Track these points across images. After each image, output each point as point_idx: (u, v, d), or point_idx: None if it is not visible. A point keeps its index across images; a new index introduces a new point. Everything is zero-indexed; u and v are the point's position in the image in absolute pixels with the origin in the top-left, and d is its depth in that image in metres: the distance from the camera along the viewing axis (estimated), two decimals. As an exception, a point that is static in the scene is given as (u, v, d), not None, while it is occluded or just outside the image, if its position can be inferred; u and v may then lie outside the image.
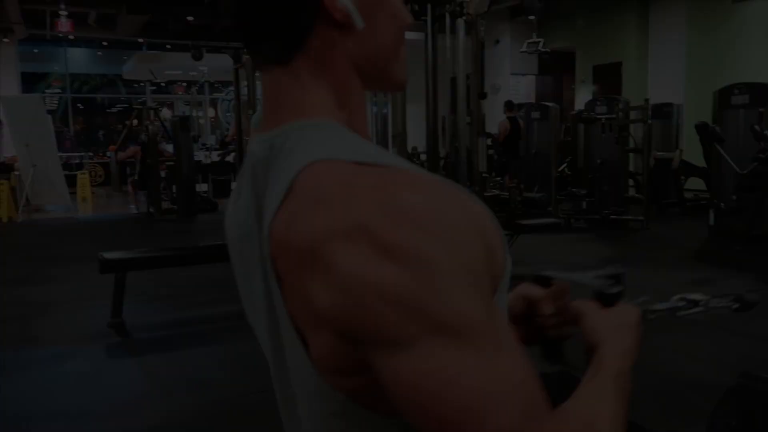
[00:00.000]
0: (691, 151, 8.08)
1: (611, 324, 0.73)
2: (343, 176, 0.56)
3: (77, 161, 15.14)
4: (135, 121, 10.81)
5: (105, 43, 18.15)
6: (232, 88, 10.52)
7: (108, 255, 4.16)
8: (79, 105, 19.12)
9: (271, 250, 0.60)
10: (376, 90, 0.71)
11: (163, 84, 18.96)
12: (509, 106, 9.99)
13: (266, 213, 0.61)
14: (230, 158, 11.08)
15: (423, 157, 8.57)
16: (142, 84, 18.71)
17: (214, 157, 12.33)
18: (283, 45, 0.64)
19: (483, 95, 5.03)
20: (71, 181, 11.65)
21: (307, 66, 0.64)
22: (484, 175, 5.07)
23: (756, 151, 5.48)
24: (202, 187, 11.10)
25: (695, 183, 8.44)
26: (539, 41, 9.44)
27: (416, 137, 5.85)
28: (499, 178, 7.49)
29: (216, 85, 17.70)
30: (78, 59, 18.78)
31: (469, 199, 0.58)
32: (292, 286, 0.58)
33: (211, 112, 18.43)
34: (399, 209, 0.53)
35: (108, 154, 14.69)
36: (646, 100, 7.05)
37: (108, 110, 20.14)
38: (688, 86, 10.54)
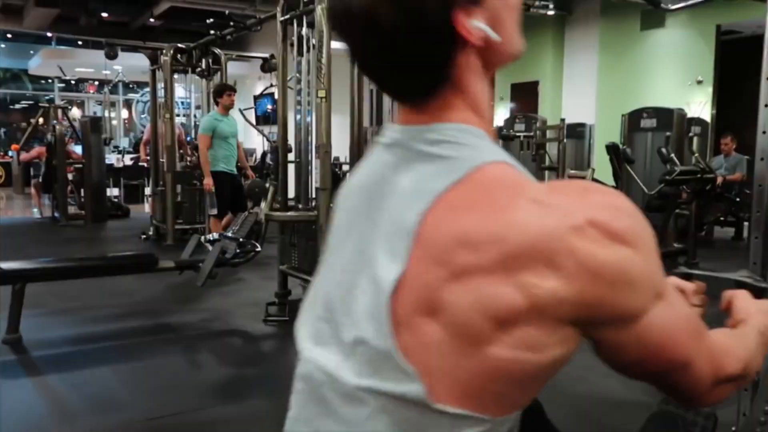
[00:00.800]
0: (601, 170, 8.41)
1: (759, 306, 0.93)
2: (533, 183, 0.64)
3: (-25, 160, 14.15)
4: (41, 120, 10.19)
5: (9, 36, 17.07)
6: (148, 89, 10.09)
7: (5, 265, 3.84)
8: (-22, 100, 17.87)
9: (420, 234, 0.62)
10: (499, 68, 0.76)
11: (72, 82, 18.00)
12: None
13: (413, 200, 0.64)
14: (144, 162, 10.62)
15: (345, 167, 8.53)
16: (50, 81, 17.71)
17: (127, 160, 11.79)
18: (428, 88, 0.68)
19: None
20: (-33, 182, 10.88)
21: (453, 93, 0.68)
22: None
23: (662, 173, 5.74)
24: (113, 192, 10.60)
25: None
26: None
27: (339, 147, 5.78)
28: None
29: (131, 86, 16.98)
30: (-22, 51, 17.57)
31: None
32: (495, 276, 0.59)
33: (124, 114, 17.66)
34: (609, 205, 0.63)
35: (10, 153, 13.79)
36: (562, 120, 7.28)
37: (11, 107, 18.92)
38: (599, 108, 11.01)
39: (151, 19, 13.78)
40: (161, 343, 3.95)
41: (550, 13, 10.68)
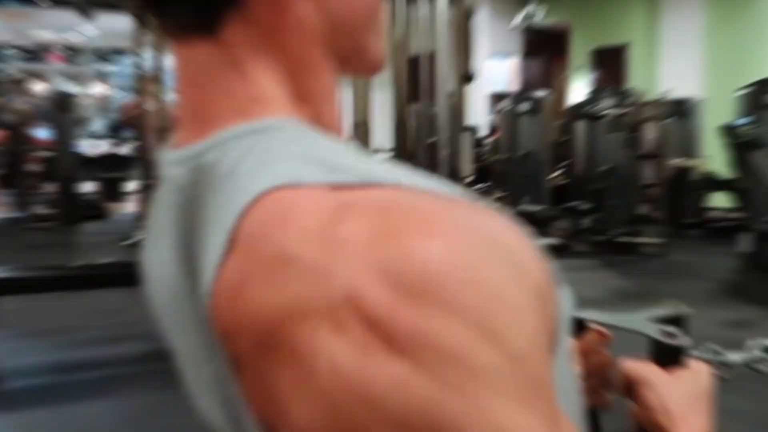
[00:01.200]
0: (714, 159, 8.31)
1: (682, 395, 0.71)
2: (313, 216, 0.46)
3: None
4: (-2, 97, 10.41)
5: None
6: (128, 58, 10.23)
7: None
8: None
9: (217, 329, 0.49)
10: (343, 73, 0.61)
11: (32, 50, 18.36)
12: None
13: (202, 273, 0.50)
14: (125, 150, 10.79)
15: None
16: (5, 49, 18.08)
17: (104, 147, 11.99)
18: (206, 5, 0.54)
19: (468, 78, 5.04)
20: None
21: (245, 37, 0.54)
22: (468, 181, 5.07)
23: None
24: (87, 187, 10.74)
25: (717, 199, 8.68)
26: (539, 12, 9.36)
27: (382, 131, 5.85)
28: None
29: (106, 56, 17.28)
30: None
31: (511, 233, 0.47)
32: (254, 375, 0.48)
33: (98, 89, 17.94)
34: (412, 271, 0.42)
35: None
36: (664, 94, 7.21)
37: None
38: (707, 79, 10.87)
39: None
40: (160, 373, 3.99)
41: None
